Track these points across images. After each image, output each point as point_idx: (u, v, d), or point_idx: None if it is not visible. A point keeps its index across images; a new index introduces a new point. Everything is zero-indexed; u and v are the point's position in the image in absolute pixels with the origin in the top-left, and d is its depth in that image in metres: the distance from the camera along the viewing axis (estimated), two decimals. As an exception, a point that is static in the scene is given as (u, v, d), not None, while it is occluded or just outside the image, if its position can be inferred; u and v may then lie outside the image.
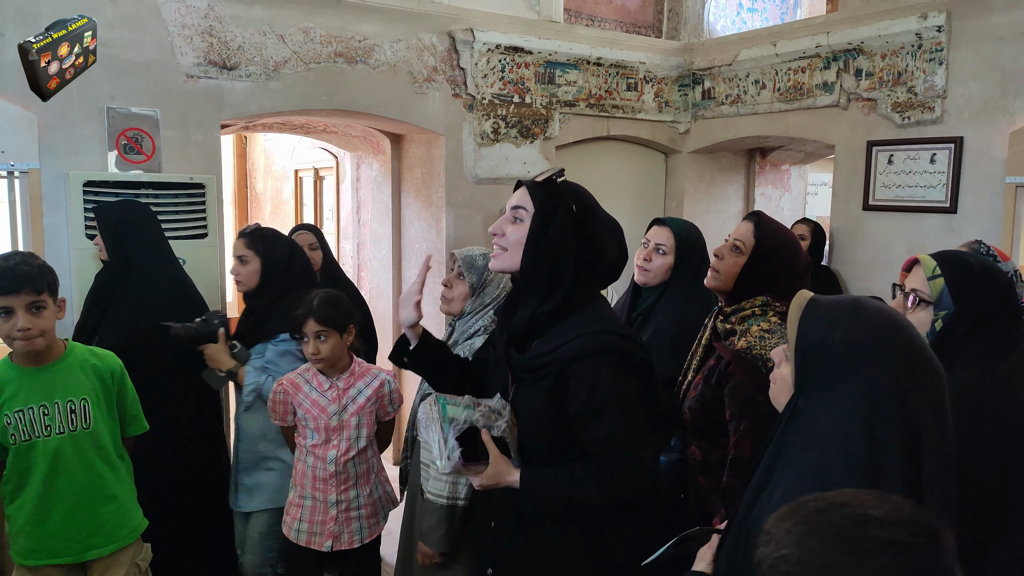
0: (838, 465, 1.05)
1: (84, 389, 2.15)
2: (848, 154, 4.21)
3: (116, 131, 3.37)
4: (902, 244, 3.94)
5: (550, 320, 1.60)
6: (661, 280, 2.35)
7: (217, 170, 3.65)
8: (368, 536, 2.50)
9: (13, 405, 2.08)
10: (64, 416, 2.11)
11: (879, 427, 1.06)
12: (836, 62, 4.19)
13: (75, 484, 2.13)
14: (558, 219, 1.59)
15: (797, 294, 1.21)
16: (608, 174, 5.08)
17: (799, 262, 1.99)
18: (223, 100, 3.62)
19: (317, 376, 2.47)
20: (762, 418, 1.66)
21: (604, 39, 4.73)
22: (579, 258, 1.59)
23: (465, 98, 4.29)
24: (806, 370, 1.14)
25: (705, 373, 1.94)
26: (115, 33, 3.35)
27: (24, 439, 2.09)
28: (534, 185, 1.63)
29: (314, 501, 2.45)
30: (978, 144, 3.65)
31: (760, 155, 5.49)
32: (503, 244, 1.63)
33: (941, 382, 1.11)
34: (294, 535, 2.47)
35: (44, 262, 2.11)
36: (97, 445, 2.18)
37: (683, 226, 2.40)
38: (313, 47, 3.81)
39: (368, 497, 2.50)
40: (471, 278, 2.26)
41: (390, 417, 2.57)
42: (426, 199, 4.54)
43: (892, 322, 1.13)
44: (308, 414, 2.44)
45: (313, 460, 2.44)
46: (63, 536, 2.13)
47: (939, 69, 3.75)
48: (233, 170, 7.91)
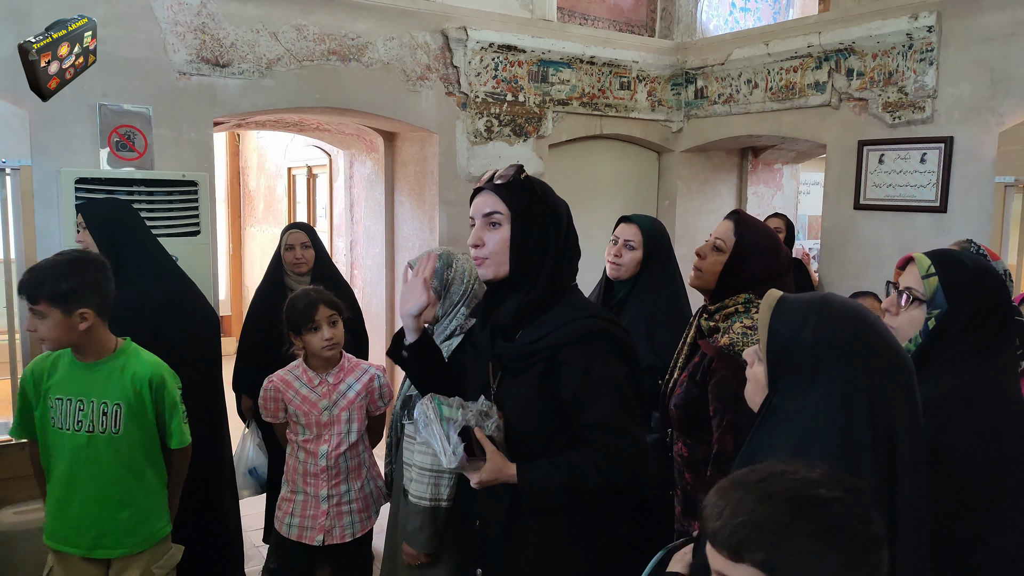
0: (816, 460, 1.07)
1: (119, 394, 2.14)
2: (839, 153, 4.24)
3: (108, 128, 3.37)
4: (893, 243, 3.96)
5: (535, 310, 1.61)
6: (632, 274, 2.48)
7: (210, 167, 3.65)
8: (360, 530, 2.51)
9: (57, 391, 2.15)
10: (96, 416, 2.13)
11: (855, 423, 1.08)
12: (828, 62, 4.22)
13: (94, 483, 2.15)
14: (536, 216, 1.60)
15: (767, 294, 1.22)
16: (601, 173, 5.10)
17: (780, 258, 2.02)
18: (216, 97, 3.62)
19: (307, 372, 2.48)
20: (744, 413, 1.67)
21: (597, 38, 4.74)
22: (555, 248, 1.62)
23: (458, 96, 4.30)
24: (779, 368, 1.16)
25: (690, 371, 1.96)
26: (108, 30, 3.34)
27: (59, 427, 2.15)
28: (503, 188, 1.61)
29: (305, 496, 2.47)
30: (968, 144, 3.68)
31: (752, 154, 5.52)
32: (484, 254, 1.61)
33: (911, 376, 1.14)
34: (285, 530, 2.49)
35: (60, 271, 2.06)
36: (123, 452, 2.16)
37: (649, 222, 2.53)
38: (306, 45, 3.81)
39: (359, 491, 2.51)
40: (433, 283, 2.26)
41: (381, 412, 2.58)
42: (419, 197, 4.54)
43: (861, 318, 1.15)
44: (299, 410, 2.45)
45: (304, 455, 2.46)
46: (76, 528, 2.17)
47: (929, 69, 3.77)
48: (226, 168, 7.90)
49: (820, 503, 0.87)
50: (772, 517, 0.87)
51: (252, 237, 7.92)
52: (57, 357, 2.18)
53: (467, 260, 2.31)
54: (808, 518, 0.86)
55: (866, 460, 1.07)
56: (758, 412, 1.20)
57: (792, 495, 0.88)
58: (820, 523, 0.86)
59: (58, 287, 2.02)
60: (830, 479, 0.90)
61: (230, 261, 7.98)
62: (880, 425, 1.08)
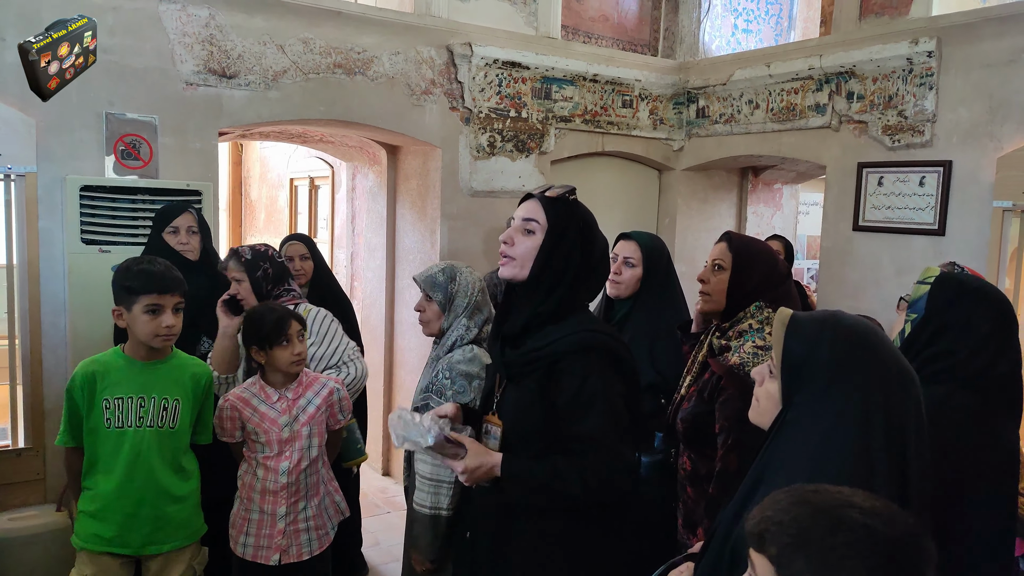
0: (833, 471, 1.10)
1: (179, 390, 2.29)
2: (839, 175, 4.27)
3: (114, 136, 3.39)
4: (891, 265, 3.99)
5: (545, 321, 1.66)
6: (632, 291, 2.48)
7: (214, 177, 3.67)
8: (317, 548, 2.46)
9: (114, 392, 2.22)
10: (156, 411, 2.24)
11: (871, 431, 1.12)
12: (828, 84, 4.26)
13: (151, 479, 2.23)
14: (569, 236, 1.67)
15: (778, 312, 1.26)
16: (602, 190, 5.13)
17: (779, 266, 2.09)
18: (222, 108, 3.64)
19: (264, 388, 2.43)
20: (749, 433, 1.69)
21: (601, 56, 4.78)
22: (578, 271, 1.67)
23: (462, 111, 4.33)
24: (794, 383, 1.19)
25: (699, 386, 1.99)
26: (116, 40, 3.37)
27: (117, 426, 2.21)
28: (548, 201, 1.69)
29: (261, 515, 2.40)
30: (966, 168, 3.71)
31: (753, 174, 5.55)
32: (512, 253, 1.69)
33: (918, 387, 1.19)
34: (240, 550, 2.41)
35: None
36: (178, 446, 2.30)
37: (648, 239, 2.53)
38: (312, 58, 3.84)
39: (317, 508, 2.46)
40: (437, 296, 2.32)
41: (340, 425, 2.55)
42: (421, 210, 4.56)
43: (872, 333, 1.20)
44: (259, 428, 2.38)
45: (264, 472, 2.39)
46: (129, 528, 2.22)
47: (929, 94, 3.81)
48: (228, 177, 7.93)
49: (846, 524, 0.85)
50: (792, 521, 0.88)
51: (252, 247, 7.93)
52: (106, 361, 2.26)
53: (470, 273, 2.35)
54: (826, 532, 0.85)
55: (881, 465, 1.11)
56: (771, 427, 1.22)
57: (824, 508, 0.88)
58: (836, 541, 0.85)
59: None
60: (880, 510, 0.88)
61: (230, 270, 7.98)
62: (894, 432, 1.12)
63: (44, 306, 3.33)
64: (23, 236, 3.32)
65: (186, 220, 2.97)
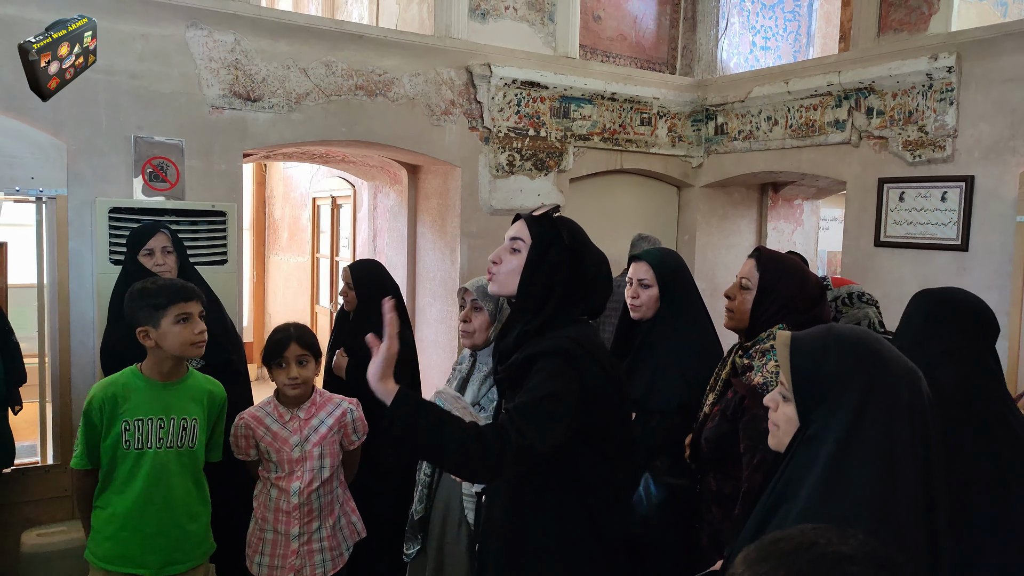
0: (860, 481, 1.10)
1: (197, 410, 2.30)
2: (859, 190, 4.25)
3: (142, 159, 3.47)
4: (913, 280, 3.95)
5: (534, 337, 1.67)
6: (654, 311, 2.40)
7: (238, 198, 3.74)
8: (331, 569, 2.44)
9: (135, 413, 2.21)
10: (176, 432, 2.25)
11: (894, 434, 1.13)
12: (847, 100, 4.25)
13: (171, 498, 2.24)
14: (552, 251, 1.69)
15: (778, 335, 1.26)
16: (621, 207, 5.15)
17: (808, 285, 2.03)
18: (246, 130, 3.72)
19: (278, 407, 2.44)
20: (774, 452, 1.69)
21: (618, 75, 4.82)
22: (567, 286, 1.68)
23: (481, 131, 4.38)
24: (810, 401, 1.20)
25: (722, 406, 1.99)
26: (144, 66, 3.46)
27: (137, 447, 2.21)
28: (532, 219, 1.73)
29: (275, 534, 2.40)
30: (988, 183, 3.68)
31: (772, 190, 5.54)
32: (495, 271, 1.73)
33: (922, 380, 1.19)
34: (256, 569, 2.42)
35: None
36: (195, 465, 2.31)
37: (658, 255, 2.45)
38: (334, 80, 3.92)
39: (331, 528, 2.45)
40: (488, 306, 2.27)
41: (355, 446, 2.54)
42: (441, 229, 4.61)
43: (871, 337, 1.22)
44: (270, 447, 2.40)
45: (277, 492, 2.40)
46: (149, 547, 2.22)
47: (949, 109, 3.79)
48: (252, 197, 8.04)
49: None
50: None
51: (276, 265, 8.03)
52: (125, 383, 2.25)
53: None
54: None
55: (906, 464, 1.12)
56: (789, 444, 1.22)
57: (821, 574, 0.82)
58: None
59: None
60: (867, 553, 0.84)
61: (254, 289, 8.09)
62: (918, 427, 1.14)
63: (73, 325, 3.40)
64: (53, 257, 3.40)
65: (159, 241, 2.82)
